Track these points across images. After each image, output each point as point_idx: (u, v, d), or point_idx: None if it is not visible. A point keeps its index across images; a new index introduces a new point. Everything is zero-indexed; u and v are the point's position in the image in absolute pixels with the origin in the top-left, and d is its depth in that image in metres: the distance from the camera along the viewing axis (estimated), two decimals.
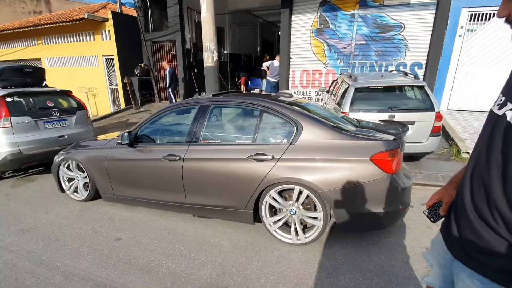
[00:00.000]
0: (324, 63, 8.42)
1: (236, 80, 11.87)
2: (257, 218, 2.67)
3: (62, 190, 3.68)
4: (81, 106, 5.23)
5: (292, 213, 2.49)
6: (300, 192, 2.40)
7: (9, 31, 10.98)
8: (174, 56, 10.54)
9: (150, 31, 10.70)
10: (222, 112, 2.94)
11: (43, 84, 5.25)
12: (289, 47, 8.62)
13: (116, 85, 10.56)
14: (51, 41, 11.08)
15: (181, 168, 2.76)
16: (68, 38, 10.66)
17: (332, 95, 5.71)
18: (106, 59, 10.26)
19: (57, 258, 2.44)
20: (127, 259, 2.41)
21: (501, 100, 0.85)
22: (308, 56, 8.53)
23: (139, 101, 10.51)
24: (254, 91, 11.56)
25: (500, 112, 0.82)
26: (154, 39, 10.61)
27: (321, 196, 2.33)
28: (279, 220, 2.56)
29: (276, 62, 8.95)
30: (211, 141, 2.76)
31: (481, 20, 6.52)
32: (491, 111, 0.88)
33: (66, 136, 4.77)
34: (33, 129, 4.42)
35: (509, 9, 0.79)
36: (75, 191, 3.60)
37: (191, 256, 2.44)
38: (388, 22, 7.43)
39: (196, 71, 10.96)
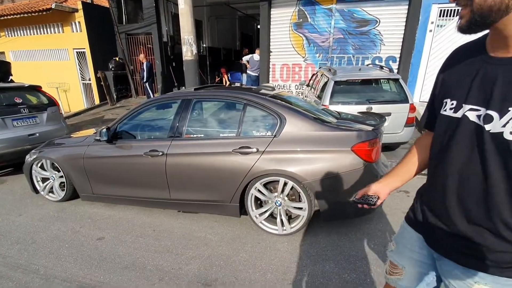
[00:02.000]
0: (303, 57, 8.51)
1: (217, 77, 11.74)
2: (243, 210, 2.69)
3: (36, 191, 3.50)
4: (52, 102, 4.95)
5: (277, 204, 2.54)
6: (285, 184, 2.44)
7: None
8: (150, 49, 10.20)
9: (124, 23, 10.26)
10: (204, 106, 2.91)
11: (9, 79, 4.91)
12: (269, 41, 8.61)
13: (89, 79, 10.07)
14: (16, 33, 10.31)
15: (165, 164, 2.72)
16: (35, 30, 9.97)
17: (312, 89, 5.81)
18: (77, 52, 9.74)
19: (35, 261, 2.33)
20: (111, 258, 2.35)
21: (452, 104, 0.86)
22: (287, 50, 8.58)
23: (115, 97, 10.10)
24: (234, 85, 11.48)
25: (458, 115, 0.82)
26: (129, 32, 10.19)
27: (305, 187, 2.39)
28: (265, 212, 2.60)
29: (256, 56, 8.93)
30: (195, 135, 2.74)
31: (450, 16, 6.86)
32: (445, 117, 0.88)
33: (37, 134, 4.51)
34: (1, 127, 4.14)
35: None
36: (50, 191, 3.43)
37: (177, 251, 2.43)
38: (364, 16, 7.63)
39: (174, 65, 10.69)
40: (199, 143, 2.67)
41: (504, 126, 0.70)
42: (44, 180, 3.45)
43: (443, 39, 7.05)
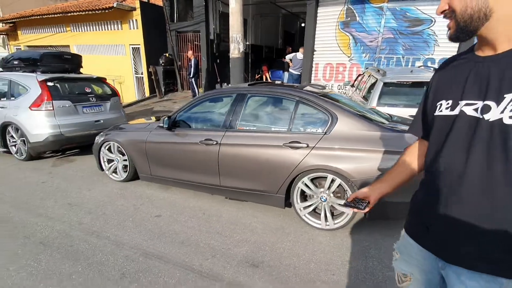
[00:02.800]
0: (348, 57, 8.35)
1: (257, 74, 11.94)
2: (287, 202, 2.81)
3: (102, 169, 3.96)
4: (114, 93, 5.50)
5: (322, 200, 2.62)
6: (333, 181, 2.51)
7: (38, 17, 11.44)
8: (197, 46, 10.71)
9: (175, 21, 10.90)
10: (258, 101, 3.07)
11: (79, 71, 5.55)
12: (314, 40, 8.58)
13: (142, 73, 10.88)
14: (80, 28, 11.49)
15: (217, 152, 2.94)
16: (96, 26, 11.03)
17: (357, 89, 5.71)
18: (132, 48, 10.57)
19: (106, 229, 2.69)
20: (168, 234, 2.62)
21: (448, 104, 0.87)
22: (332, 49, 8.47)
23: (163, 90, 10.80)
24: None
25: (456, 112, 0.84)
26: (179, 29, 10.81)
27: (353, 185, 2.43)
28: (310, 206, 2.69)
29: (299, 55, 8.95)
30: (247, 128, 2.91)
31: None
32: (441, 117, 0.89)
33: (102, 121, 5.05)
34: (72, 113, 4.72)
35: (447, 2, 0.80)
36: (114, 171, 3.86)
37: (226, 234, 2.62)
38: (418, 16, 7.26)
39: (218, 61, 11.11)
40: (251, 135, 2.84)
41: (502, 112, 0.73)
42: (109, 161, 3.89)
43: None
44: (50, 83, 4.56)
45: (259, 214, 2.98)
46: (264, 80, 12.13)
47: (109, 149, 3.81)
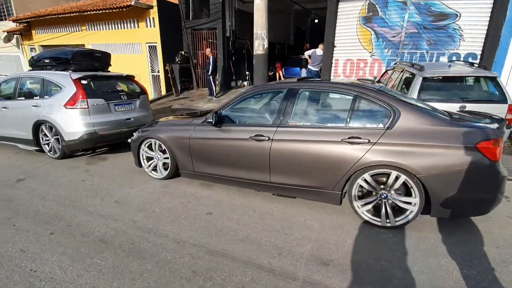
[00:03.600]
0: (370, 52, 8.23)
1: (270, 72, 11.83)
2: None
3: (140, 166, 3.93)
4: (143, 91, 5.48)
5: (383, 197, 2.56)
6: (397, 177, 2.45)
7: (54, 16, 11.46)
8: (212, 44, 10.66)
9: (190, 19, 10.85)
10: (311, 97, 3.01)
11: (108, 69, 5.53)
12: (334, 35, 8.47)
13: (158, 72, 10.87)
14: (95, 27, 11.50)
15: (269, 149, 2.89)
16: (113, 25, 11.02)
17: (386, 85, 5.62)
18: (149, 46, 10.56)
19: (161, 227, 2.66)
20: (226, 231, 2.58)
21: None
22: (353, 44, 8.36)
23: (179, 88, 10.78)
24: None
25: None
26: (195, 27, 10.76)
27: (418, 181, 2.37)
28: (369, 203, 2.63)
29: (318, 51, 8.85)
30: (300, 123, 2.86)
31: None
32: None
33: (132, 119, 5.04)
34: (105, 111, 4.70)
35: None
36: (154, 169, 3.84)
37: (285, 231, 2.58)
38: (443, 10, 7.12)
39: (234, 59, 11.06)
40: (306, 131, 2.79)
41: None
42: (148, 159, 3.86)
43: None
44: (84, 81, 4.54)
45: (311, 212, 2.93)
46: (277, 77, 12.04)
47: (149, 147, 3.79)
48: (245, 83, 11.85)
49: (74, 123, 4.41)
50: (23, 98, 4.89)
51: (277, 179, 2.97)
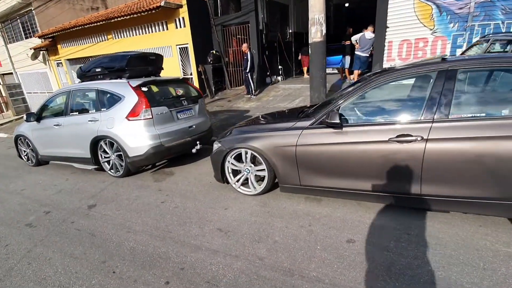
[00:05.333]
0: (431, 29, 7.31)
1: (299, 57, 11.09)
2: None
3: (224, 182, 3.35)
4: (200, 95, 4.90)
5: None
6: None
7: (79, 28, 11.16)
8: (241, 39, 10.01)
9: (219, 15, 10.25)
10: (476, 78, 2.30)
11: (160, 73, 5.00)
12: (386, 15, 7.60)
13: (191, 74, 10.36)
14: (122, 34, 11.12)
15: (422, 151, 2.20)
16: (140, 30, 10.59)
17: None
18: (179, 48, 10.05)
19: (302, 267, 2.03)
20: (398, 269, 1.91)
21: None
22: (410, 23, 7.46)
23: (213, 89, 10.23)
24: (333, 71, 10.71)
25: None
26: (224, 23, 10.15)
27: None
28: None
29: (368, 34, 8.02)
30: (467, 116, 2.14)
31: None
32: None
33: (194, 126, 4.47)
34: (169, 120, 4.16)
35: None
36: (243, 184, 3.23)
37: (473, 264, 1.88)
38: None
39: (267, 53, 10.37)
40: (477, 124, 2.07)
41: None
42: (234, 172, 3.27)
43: None
44: (144, 89, 4.00)
45: (485, 230, 2.21)
46: (305, 73, 11.11)
47: (237, 158, 3.19)
48: (279, 78, 11.15)
49: (139, 136, 3.88)
50: (77, 113, 4.43)
51: (433, 190, 2.27)
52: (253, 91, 9.05)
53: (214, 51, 10.20)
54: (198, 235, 2.54)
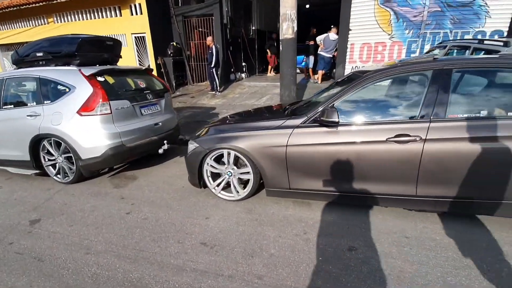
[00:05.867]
0: (389, 34, 7.73)
1: (268, 54, 10.90)
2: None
3: (201, 187, 2.99)
4: (165, 88, 4.39)
5: None
6: None
7: (15, 8, 9.49)
8: (204, 32, 9.52)
9: (179, 5, 9.58)
10: (470, 78, 2.30)
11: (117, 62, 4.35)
12: (349, 18, 7.84)
13: (148, 66, 9.47)
14: (66, 18, 9.72)
15: (420, 152, 2.15)
16: (88, 15, 9.37)
17: None
18: (135, 37, 9.14)
19: (311, 284, 1.80)
20: (403, 277, 1.80)
21: None
22: (370, 27, 7.80)
23: (174, 84, 9.54)
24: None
25: None
26: (186, 14, 9.52)
27: None
28: None
29: (332, 35, 8.19)
30: (464, 115, 2.13)
31: None
32: None
33: (160, 124, 3.97)
34: (132, 116, 3.60)
35: None
36: (224, 188, 2.91)
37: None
38: None
39: (231, 49, 10.03)
40: (475, 124, 2.07)
41: None
42: (213, 176, 2.92)
43: None
44: (100, 78, 3.39)
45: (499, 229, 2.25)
46: (269, 72, 11.03)
47: (217, 160, 2.85)
48: (243, 75, 10.90)
49: (95, 135, 3.28)
50: (11, 106, 3.60)
51: (428, 191, 2.24)
52: (218, 88, 8.64)
53: (174, 43, 9.51)
54: (179, 253, 2.15)
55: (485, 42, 4.25)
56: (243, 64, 11.06)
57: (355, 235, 2.24)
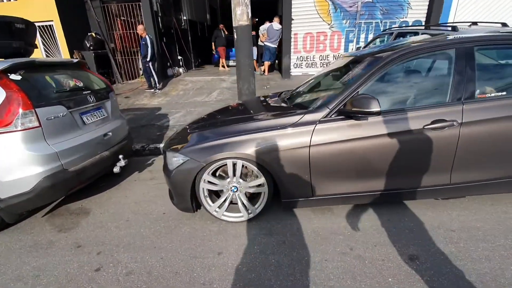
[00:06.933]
0: (329, 24, 7.95)
1: (214, 48, 10.06)
2: None
3: (195, 209, 2.31)
4: (108, 86, 3.39)
5: None
6: None
7: None
8: (130, 22, 8.19)
9: None
10: (490, 56, 2.20)
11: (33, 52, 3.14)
12: (291, 7, 7.73)
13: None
14: None
15: (457, 137, 1.99)
16: None
17: None
18: (39, 26, 7.16)
19: None
20: (491, 279, 1.59)
21: None
22: (311, 17, 7.88)
23: None
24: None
25: None
26: None
27: None
28: None
29: (275, 25, 7.98)
30: (492, 94, 2.04)
31: None
32: None
33: (110, 134, 3.02)
34: (71, 127, 2.59)
35: None
36: (226, 208, 2.29)
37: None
38: None
39: (165, 40, 8.90)
40: (502, 103, 2.01)
41: None
42: (210, 194, 2.28)
43: (467, 3, 7.32)
44: (15, 77, 2.29)
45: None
46: (220, 66, 10.29)
47: (215, 174, 2.21)
48: (181, 70, 9.87)
49: (17, 160, 2.20)
50: None
51: (460, 177, 2.12)
52: (157, 85, 7.52)
53: (93, 34, 7.86)
54: None
55: (432, 27, 4.58)
56: (179, 57, 10.00)
57: (400, 239, 1.97)
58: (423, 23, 7.69)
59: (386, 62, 2.08)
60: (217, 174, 2.26)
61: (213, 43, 9.84)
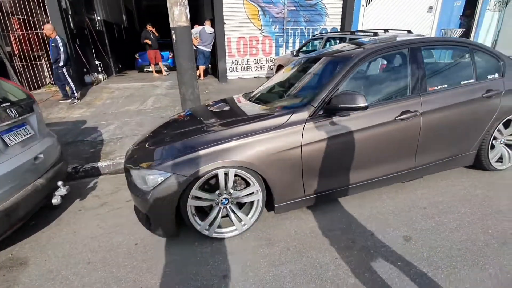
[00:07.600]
0: (259, 29, 8.21)
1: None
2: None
3: (177, 233, 2.02)
4: (30, 96, 2.69)
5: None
6: None
7: None
8: (28, 22, 6.80)
9: None
10: (433, 54, 2.55)
11: None
12: (222, 11, 7.67)
13: None
14: None
15: (419, 125, 2.29)
16: None
17: None
18: None
19: None
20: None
21: None
22: (243, 21, 8.00)
23: None
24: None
25: None
26: None
27: None
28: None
29: (208, 28, 7.80)
30: (438, 87, 2.41)
31: None
32: None
33: (42, 156, 2.39)
34: None
35: None
36: (206, 228, 2.06)
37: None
38: None
39: (78, 43, 7.67)
40: (446, 94, 2.40)
41: None
42: (198, 211, 2.02)
43: (371, 12, 8.61)
44: None
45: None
46: (155, 72, 9.35)
47: (203, 188, 1.97)
48: (101, 76, 8.67)
49: None
50: None
51: (422, 160, 2.44)
52: (75, 93, 6.39)
53: None
54: None
55: (357, 33, 5.20)
56: (97, 62, 8.77)
57: (389, 224, 2.13)
58: (338, 30, 8.68)
59: (359, 59, 2.22)
60: (204, 188, 2.01)
61: (147, 46, 8.91)
